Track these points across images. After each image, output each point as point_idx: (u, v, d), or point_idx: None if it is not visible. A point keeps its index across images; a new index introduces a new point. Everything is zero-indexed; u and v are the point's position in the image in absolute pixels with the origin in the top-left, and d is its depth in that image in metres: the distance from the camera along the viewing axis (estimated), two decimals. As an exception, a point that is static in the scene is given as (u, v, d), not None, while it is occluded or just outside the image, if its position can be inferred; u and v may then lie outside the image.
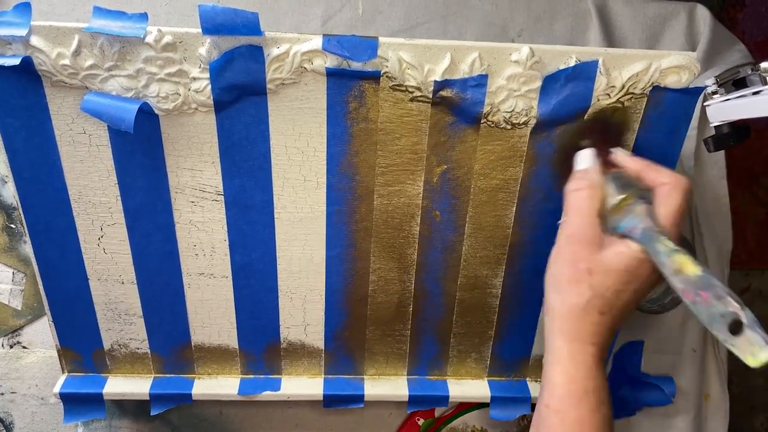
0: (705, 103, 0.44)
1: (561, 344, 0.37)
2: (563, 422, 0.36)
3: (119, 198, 0.43)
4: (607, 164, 0.40)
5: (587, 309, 0.36)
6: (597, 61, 0.40)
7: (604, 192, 0.38)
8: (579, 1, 0.53)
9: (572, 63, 0.40)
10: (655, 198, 0.37)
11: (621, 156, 0.40)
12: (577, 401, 0.36)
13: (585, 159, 0.40)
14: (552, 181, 0.44)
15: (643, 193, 0.37)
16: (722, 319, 0.31)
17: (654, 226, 0.35)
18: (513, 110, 0.41)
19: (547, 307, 0.38)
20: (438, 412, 0.57)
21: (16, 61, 0.37)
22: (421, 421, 0.56)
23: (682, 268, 0.33)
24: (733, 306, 0.31)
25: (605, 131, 0.42)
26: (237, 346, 0.51)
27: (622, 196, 0.37)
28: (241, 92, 0.40)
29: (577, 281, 0.36)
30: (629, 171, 0.39)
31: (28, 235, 0.44)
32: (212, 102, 0.40)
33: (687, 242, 0.55)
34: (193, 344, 0.50)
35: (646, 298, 0.57)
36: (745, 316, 0.30)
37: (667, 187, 0.36)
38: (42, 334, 0.54)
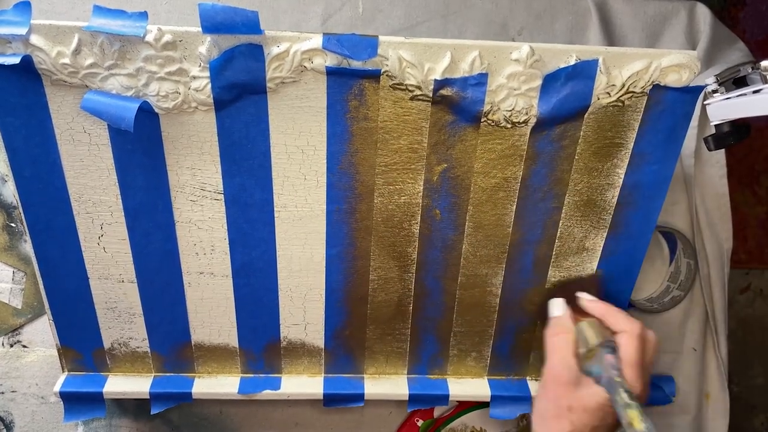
0: (705, 102, 0.44)
1: None
2: None
3: (119, 197, 0.43)
4: (577, 311, 0.45)
5: None
6: (597, 60, 0.40)
7: (576, 336, 0.42)
8: (579, -1, 0.53)
9: (572, 62, 0.40)
10: (618, 341, 0.41)
11: (585, 302, 0.45)
12: None
13: (557, 307, 0.46)
14: (552, 180, 0.44)
15: (609, 342, 0.41)
16: None
17: (615, 376, 0.39)
18: (513, 109, 0.41)
19: None
20: (437, 412, 0.57)
21: (16, 60, 0.37)
22: (420, 422, 0.56)
23: (632, 423, 0.36)
24: None
25: (572, 285, 0.48)
26: (237, 345, 0.51)
27: (590, 347, 0.41)
28: (241, 91, 0.40)
29: (558, 416, 0.40)
30: (595, 314, 0.44)
31: (28, 234, 0.44)
32: (212, 101, 0.40)
33: (690, 246, 0.55)
34: (193, 343, 0.50)
35: (645, 297, 0.57)
36: None
37: (624, 335, 0.41)
38: (42, 333, 0.54)
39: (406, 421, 0.57)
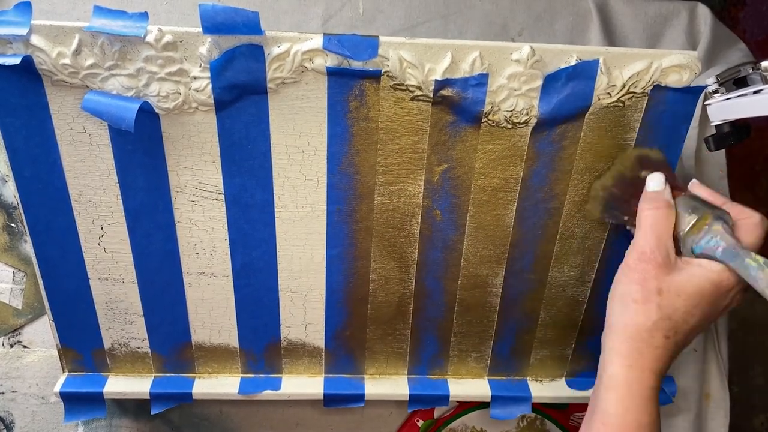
0: (706, 102, 0.44)
1: (618, 369, 0.36)
2: None
3: (120, 197, 0.43)
4: (675, 189, 0.40)
5: (652, 331, 0.35)
6: (598, 60, 0.40)
7: (676, 215, 0.38)
8: (579, 0, 0.53)
9: (573, 62, 0.40)
10: (738, 227, 0.37)
11: (700, 188, 0.40)
12: None
13: (656, 182, 0.40)
14: (552, 181, 0.44)
15: (721, 214, 0.37)
16: None
17: (738, 243, 0.35)
18: (514, 109, 0.41)
19: (610, 325, 0.37)
20: (437, 413, 0.57)
21: (17, 61, 0.37)
22: (420, 422, 0.56)
23: None
24: None
25: (658, 164, 0.42)
26: (237, 346, 0.51)
27: (699, 216, 0.37)
28: (241, 91, 0.40)
29: (645, 300, 0.35)
30: (709, 200, 0.39)
31: (28, 234, 0.44)
32: (213, 101, 0.40)
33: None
34: (193, 343, 0.50)
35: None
36: None
37: (753, 220, 0.36)
38: (42, 334, 0.54)
39: (407, 422, 0.57)
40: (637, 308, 0.35)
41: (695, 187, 0.40)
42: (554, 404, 0.56)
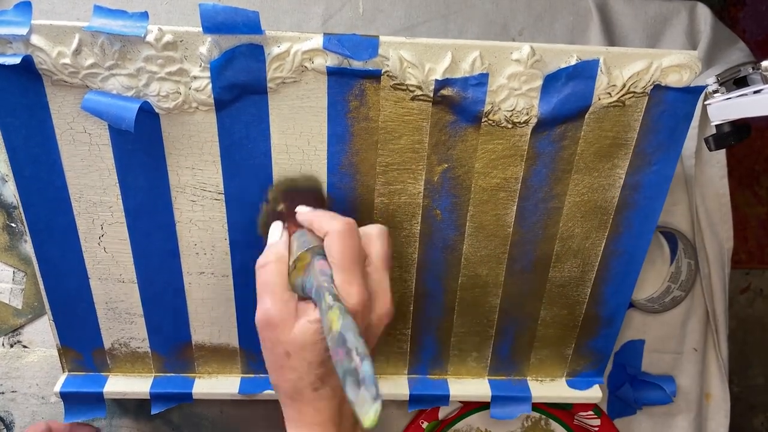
0: (706, 102, 0.44)
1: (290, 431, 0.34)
2: None
3: (120, 197, 0.43)
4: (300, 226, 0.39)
5: (298, 390, 0.33)
6: (598, 60, 0.40)
7: (290, 260, 0.36)
8: (579, 0, 0.53)
9: (573, 62, 0.40)
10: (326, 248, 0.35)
11: (300, 213, 0.39)
12: None
13: (274, 232, 0.39)
14: (553, 181, 0.44)
15: (319, 248, 0.35)
16: (350, 376, 0.28)
17: (324, 281, 0.32)
18: (514, 109, 0.41)
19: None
20: (442, 413, 0.57)
21: (17, 60, 0.37)
22: (425, 424, 0.56)
23: (332, 326, 0.30)
24: (355, 361, 0.28)
25: (298, 194, 0.42)
26: (238, 345, 0.51)
27: (297, 255, 0.35)
28: (241, 91, 0.40)
29: (280, 367, 0.33)
30: (313, 227, 0.37)
31: (28, 234, 0.44)
32: (213, 101, 0.40)
33: (691, 246, 0.55)
34: (193, 343, 0.50)
35: (646, 298, 0.57)
36: (362, 371, 0.27)
37: (328, 237, 0.34)
38: (42, 333, 0.54)
39: (412, 423, 0.57)
40: (278, 375, 0.34)
41: (300, 215, 0.38)
42: (558, 404, 0.56)
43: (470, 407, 0.56)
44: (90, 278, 0.46)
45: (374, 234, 0.37)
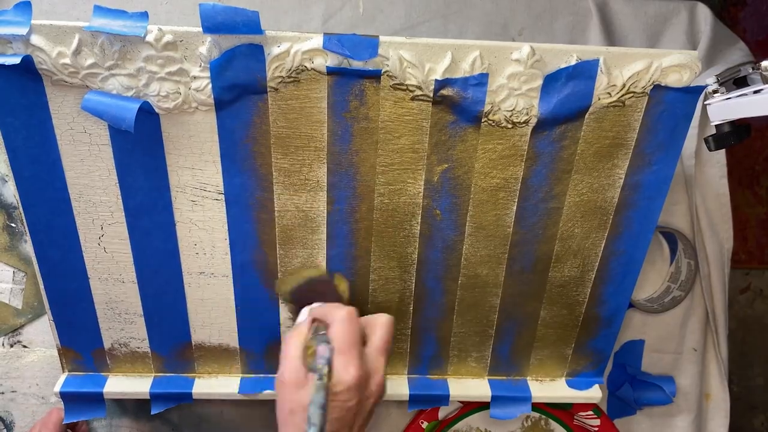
0: (706, 102, 0.44)
1: None
2: None
3: (120, 197, 0.43)
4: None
5: None
6: (598, 60, 0.40)
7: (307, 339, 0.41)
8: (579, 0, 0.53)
9: (573, 62, 0.40)
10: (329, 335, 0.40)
11: (312, 310, 0.44)
12: None
13: (302, 314, 0.45)
14: (552, 181, 0.44)
15: (323, 335, 0.40)
16: None
17: (320, 365, 0.37)
18: (514, 109, 0.41)
19: None
20: (442, 413, 0.57)
21: (17, 60, 0.37)
22: (425, 424, 0.56)
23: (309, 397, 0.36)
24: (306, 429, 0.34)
25: (327, 291, 0.48)
26: (237, 345, 0.51)
27: (307, 344, 0.40)
28: (241, 91, 0.40)
29: (284, 423, 0.39)
30: (320, 316, 0.42)
31: (28, 234, 0.44)
32: (213, 101, 0.40)
33: (691, 246, 0.55)
34: (193, 343, 0.50)
35: (646, 298, 0.57)
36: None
37: (332, 325, 0.40)
38: (42, 333, 0.54)
39: (412, 423, 0.57)
40: (284, 430, 0.39)
41: (313, 312, 0.43)
42: (558, 404, 0.56)
43: (470, 407, 0.56)
44: (90, 278, 0.46)
45: (379, 323, 0.42)
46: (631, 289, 0.50)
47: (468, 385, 0.53)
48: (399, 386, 0.52)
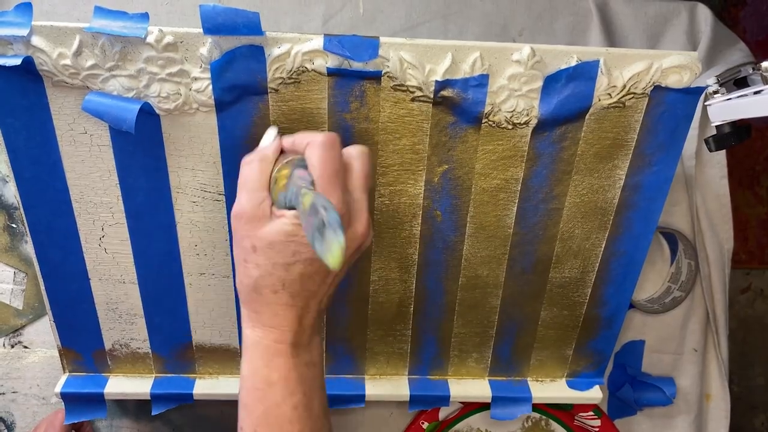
0: (706, 103, 0.44)
1: (245, 331, 0.35)
2: (250, 417, 0.35)
3: (120, 198, 0.43)
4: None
5: (258, 288, 0.34)
6: (598, 61, 0.40)
7: (275, 170, 0.35)
8: (580, 0, 0.53)
9: (573, 63, 0.40)
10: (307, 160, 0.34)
11: (285, 139, 0.37)
12: (261, 395, 0.35)
13: (268, 136, 0.38)
14: (553, 181, 0.44)
15: (300, 161, 0.34)
16: (317, 231, 0.29)
17: (301, 184, 0.32)
18: (514, 110, 0.41)
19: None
20: (442, 414, 0.57)
21: (17, 61, 0.37)
22: (425, 424, 0.56)
23: (305, 203, 0.30)
24: (321, 213, 0.29)
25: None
26: (238, 346, 0.51)
27: (278, 167, 0.35)
28: (242, 92, 0.40)
29: (245, 260, 0.34)
30: (295, 147, 0.36)
31: (29, 234, 0.44)
32: (213, 102, 0.40)
33: (691, 247, 0.55)
34: (194, 344, 0.50)
35: (646, 298, 0.57)
36: (326, 217, 0.29)
37: (308, 147, 0.34)
38: (43, 334, 0.54)
39: (412, 424, 0.57)
40: (242, 269, 0.34)
41: (284, 140, 0.37)
42: (559, 404, 0.56)
43: (471, 408, 0.56)
44: (90, 279, 0.46)
45: (354, 154, 0.35)
46: (631, 289, 0.50)
47: (468, 386, 0.53)
48: (399, 387, 0.52)
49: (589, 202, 0.46)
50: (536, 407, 0.56)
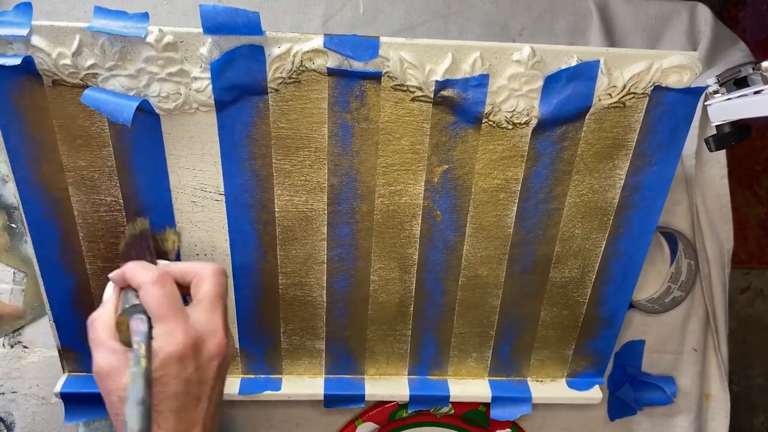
0: (706, 103, 0.44)
1: None
2: None
3: (120, 198, 0.43)
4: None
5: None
6: (598, 61, 0.40)
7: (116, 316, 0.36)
8: (580, 0, 0.53)
9: (573, 63, 0.40)
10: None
11: (114, 274, 0.38)
12: None
13: (107, 290, 0.39)
14: (553, 181, 0.44)
15: (135, 307, 0.35)
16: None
17: (135, 343, 0.33)
18: (514, 110, 0.41)
19: None
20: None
21: (17, 61, 0.37)
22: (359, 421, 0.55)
23: (128, 384, 0.31)
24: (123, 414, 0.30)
25: (145, 247, 0.40)
26: (238, 346, 0.51)
27: (117, 321, 0.36)
28: (242, 92, 0.40)
29: (116, 414, 0.34)
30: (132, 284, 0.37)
31: (28, 234, 0.44)
32: (213, 101, 0.40)
33: (691, 247, 0.55)
34: (194, 344, 0.50)
35: (646, 298, 0.57)
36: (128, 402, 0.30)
37: (141, 291, 0.35)
38: (43, 334, 0.53)
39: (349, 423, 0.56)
40: (116, 422, 0.34)
41: (114, 276, 0.37)
42: (475, 422, 0.55)
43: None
44: (90, 279, 0.46)
45: (206, 274, 0.37)
46: (631, 289, 0.50)
47: (468, 386, 0.53)
48: (399, 387, 0.52)
49: (589, 202, 0.46)
50: (453, 425, 0.55)
